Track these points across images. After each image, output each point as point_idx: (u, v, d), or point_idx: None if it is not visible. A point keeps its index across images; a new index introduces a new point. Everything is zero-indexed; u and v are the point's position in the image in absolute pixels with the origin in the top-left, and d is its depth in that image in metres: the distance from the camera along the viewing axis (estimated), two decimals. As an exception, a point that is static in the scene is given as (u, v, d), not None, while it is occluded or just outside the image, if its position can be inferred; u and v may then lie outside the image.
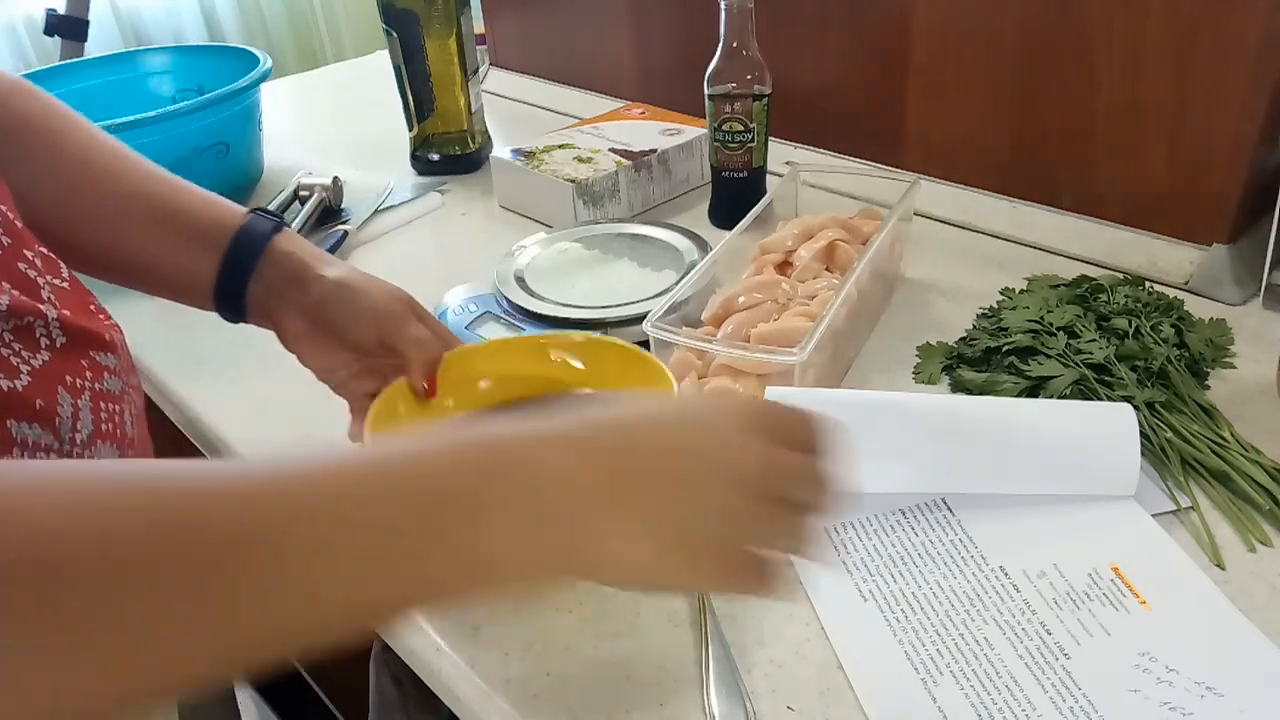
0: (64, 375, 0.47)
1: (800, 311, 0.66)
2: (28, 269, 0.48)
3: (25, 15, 2.05)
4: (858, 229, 0.76)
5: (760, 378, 0.61)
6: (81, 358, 0.49)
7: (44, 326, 0.47)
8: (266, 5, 2.45)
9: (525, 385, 0.61)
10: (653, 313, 0.62)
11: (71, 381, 0.48)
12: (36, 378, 0.45)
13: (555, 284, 0.79)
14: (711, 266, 0.70)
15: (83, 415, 0.48)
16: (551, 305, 0.75)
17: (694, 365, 0.64)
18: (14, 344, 0.45)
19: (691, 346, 0.62)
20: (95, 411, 0.49)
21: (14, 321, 0.45)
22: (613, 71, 1.25)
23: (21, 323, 0.46)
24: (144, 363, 0.79)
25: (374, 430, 0.54)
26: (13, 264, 0.47)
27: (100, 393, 0.49)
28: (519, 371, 0.62)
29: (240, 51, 1.12)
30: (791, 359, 0.58)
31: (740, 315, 0.66)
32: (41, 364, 0.46)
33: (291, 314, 0.59)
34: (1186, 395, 0.63)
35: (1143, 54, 0.76)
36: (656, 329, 0.61)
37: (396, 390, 0.57)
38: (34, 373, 0.45)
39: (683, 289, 0.66)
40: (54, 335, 0.48)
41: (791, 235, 0.75)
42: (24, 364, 0.45)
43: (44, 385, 0.46)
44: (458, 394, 0.60)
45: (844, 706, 0.46)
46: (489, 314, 0.76)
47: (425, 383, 0.58)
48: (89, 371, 0.49)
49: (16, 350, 0.45)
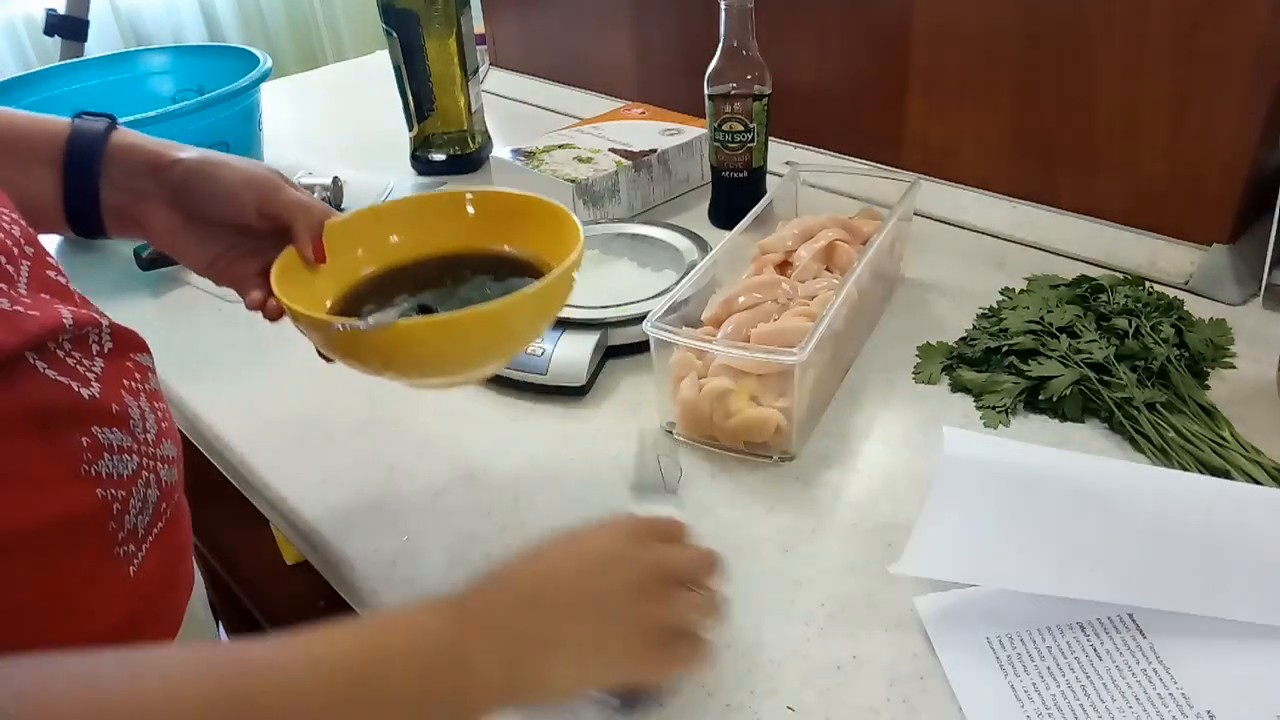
0: (121, 379, 0.48)
1: (800, 311, 0.66)
2: (57, 276, 0.48)
3: (25, 15, 2.05)
4: (858, 229, 0.76)
5: (760, 378, 0.61)
6: (126, 360, 0.49)
7: (96, 334, 0.47)
8: (266, 5, 2.45)
9: (434, 241, 0.60)
10: (653, 313, 0.62)
11: (129, 384, 0.48)
12: (103, 384, 0.46)
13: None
14: (711, 266, 0.70)
15: (147, 416, 0.48)
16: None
17: (694, 365, 0.64)
18: (74, 353, 0.45)
19: (691, 346, 0.62)
20: (154, 411, 0.49)
21: (74, 333, 0.45)
22: (613, 71, 1.25)
23: (80, 333, 0.46)
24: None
25: (287, 300, 0.50)
26: (42, 273, 0.47)
27: (151, 392, 0.50)
28: (428, 227, 0.60)
29: (240, 51, 1.12)
30: (791, 359, 0.58)
31: (740, 315, 0.66)
32: (101, 370, 0.46)
33: (155, 208, 0.55)
34: (1186, 395, 0.63)
35: (1143, 54, 0.76)
36: (656, 329, 0.61)
37: (288, 259, 0.54)
38: (99, 378, 0.46)
39: (683, 289, 0.66)
40: (104, 342, 0.48)
41: (791, 235, 0.75)
42: (88, 371, 0.45)
43: (111, 390, 0.46)
44: (368, 245, 0.59)
45: (844, 706, 0.46)
46: None
47: (313, 248, 0.55)
48: (136, 374, 0.49)
49: (78, 359, 0.45)
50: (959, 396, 0.67)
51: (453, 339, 0.50)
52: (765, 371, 0.61)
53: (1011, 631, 0.48)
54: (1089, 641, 0.47)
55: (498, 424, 0.68)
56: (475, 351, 0.52)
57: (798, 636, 0.50)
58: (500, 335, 0.52)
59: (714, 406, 0.62)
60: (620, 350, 0.74)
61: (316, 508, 0.61)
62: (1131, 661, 0.46)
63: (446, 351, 0.51)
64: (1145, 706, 0.44)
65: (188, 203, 0.55)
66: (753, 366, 0.61)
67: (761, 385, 0.61)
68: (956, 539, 0.49)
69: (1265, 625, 0.47)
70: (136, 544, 0.46)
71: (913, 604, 0.51)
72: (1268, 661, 0.45)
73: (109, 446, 0.45)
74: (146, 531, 0.47)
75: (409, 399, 0.71)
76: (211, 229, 0.56)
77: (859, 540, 0.56)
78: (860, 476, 0.61)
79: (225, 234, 0.56)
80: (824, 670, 0.48)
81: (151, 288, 0.90)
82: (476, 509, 0.60)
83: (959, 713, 0.45)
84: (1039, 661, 0.47)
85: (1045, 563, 0.48)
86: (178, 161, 0.54)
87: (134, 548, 0.46)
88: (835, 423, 0.66)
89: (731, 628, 0.50)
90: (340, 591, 0.59)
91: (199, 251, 0.56)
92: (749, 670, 0.48)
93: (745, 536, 0.56)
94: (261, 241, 0.56)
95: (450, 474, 0.63)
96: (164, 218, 0.55)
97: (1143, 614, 0.48)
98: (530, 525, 0.59)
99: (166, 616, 0.51)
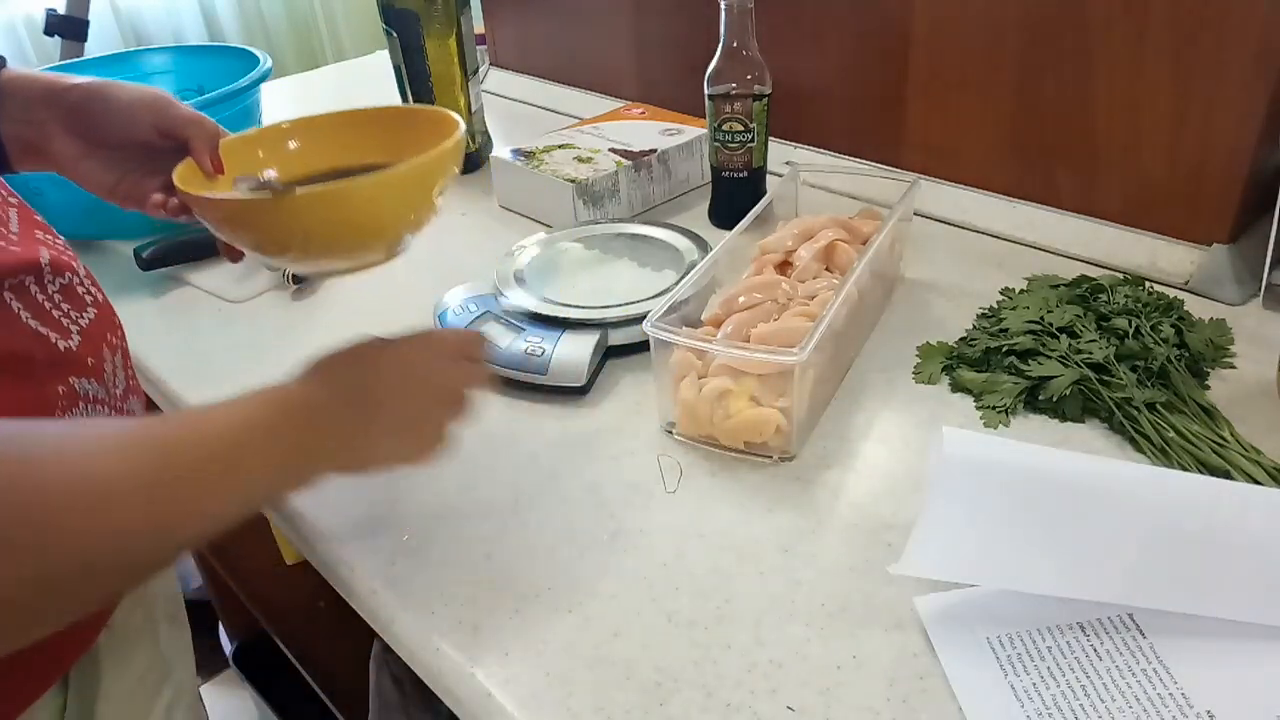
0: (105, 334, 0.51)
1: (800, 311, 0.66)
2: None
3: (25, 15, 2.05)
4: (857, 229, 0.76)
5: (760, 378, 0.61)
6: (115, 315, 0.53)
7: (80, 283, 0.51)
8: (266, 5, 2.44)
9: (327, 159, 0.62)
10: (653, 313, 0.62)
11: (109, 339, 0.52)
12: (85, 337, 0.49)
13: (555, 284, 0.79)
14: (711, 266, 0.70)
15: (118, 371, 0.52)
16: (551, 305, 0.75)
17: (694, 366, 0.64)
18: (63, 304, 0.49)
19: (691, 346, 0.63)
20: (126, 369, 0.54)
21: (59, 281, 0.49)
22: (613, 71, 1.25)
23: (65, 281, 0.49)
24: (144, 363, 0.79)
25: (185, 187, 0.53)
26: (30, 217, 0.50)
27: (126, 351, 0.54)
28: (322, 145, 0.63)
29: (240, 51, 1.12)
30: (791, 359, 0.58)
31: (740, 315, 0.66)
32: (88, 322, 0.50)
33: (56, 134, 0.57)
34: (1186, 395, 0.63)
35: (1143, 54, 0.76)
36: (656, 329, 0.61)
37: (188, 168, 0.57)
38: (82, 332, 0.50)
39: (683, 289, 0.66)
40: (94, 293, 0.52)
41: (791, 235, 0.75)
42: (73, 324, 0.49)
43: (91, 344, 0.50)
44: (267, 147, 0.62)
45: (844, 706, 0.46)
46: (489, 314, 0.76)
47: (210, 160, 0.58)
48: (120, 330, 0.53)
49: (66, 311, 0.49)
50: (959, 396, 0.67)
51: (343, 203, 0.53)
52: (765, 371, 0.61)
53: (1011, 631, 0.48)
54: (1089, 641, 0.47)
55: (498, 424, 0.68)
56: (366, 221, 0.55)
57: (798, 636, 0.50)
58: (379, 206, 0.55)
59: (714, 406, 0.62)
60: (620, 350, 0.74)
61: (316, 508, 0.61)
62: (1131, 661, 0.46)
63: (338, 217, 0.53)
64: (1145, 706, 0.44)
65: (87, 126, 0.57)
66: (752, 366, 0.61)
67: (761, 385, 0.61)
68: (956, 539, 0.49)
69: (1265, 625, 0.46)
70: None
71: (913, 604, 0.51)
72: (1268, 661, 0.45)
73: (84, 395, 0.48)
74: None
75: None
76: (111, 153, 0.58)
77: (859, 540, 0.56)
78: (860, 476, 0.61)
79: (124, 157, 0.58)
80: (824, 670, 0.48)
81: (151, 288, 0.90)
82: (476, 509, 0.60)
83: (959, 713, 0.45)
84: (1039, 661, 0.47)
85: (1045, 563, 0.48)
86: (73, 87, 0.57)
87: None
88: (835, 422, 0.66)
89: (732, 628, 0.50)
90: (340, 591, 0.59)
91: (101, 176, 0.59)
92: (749, 670, 0.48)
93: (745, 536, 0.56)
94: (160, 161, 0.58)
95: (450, 474, 0.63)
96: (65, 144, 0.57)
97: (1143, 614, 0.48)
98: (530, 525, 0.59)
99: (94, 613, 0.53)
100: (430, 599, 0.54)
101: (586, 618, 0.52)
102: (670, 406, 0.65)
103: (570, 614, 0.52)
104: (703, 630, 0.51)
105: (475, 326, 0.75)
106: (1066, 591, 0.48)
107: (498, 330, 0.74)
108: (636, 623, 0.51)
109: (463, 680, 0.49)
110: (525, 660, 0.50)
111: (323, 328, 0.83)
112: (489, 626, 0.52)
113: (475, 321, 0.76)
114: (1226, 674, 0.45)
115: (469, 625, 0.52)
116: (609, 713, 0.46)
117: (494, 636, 0.51)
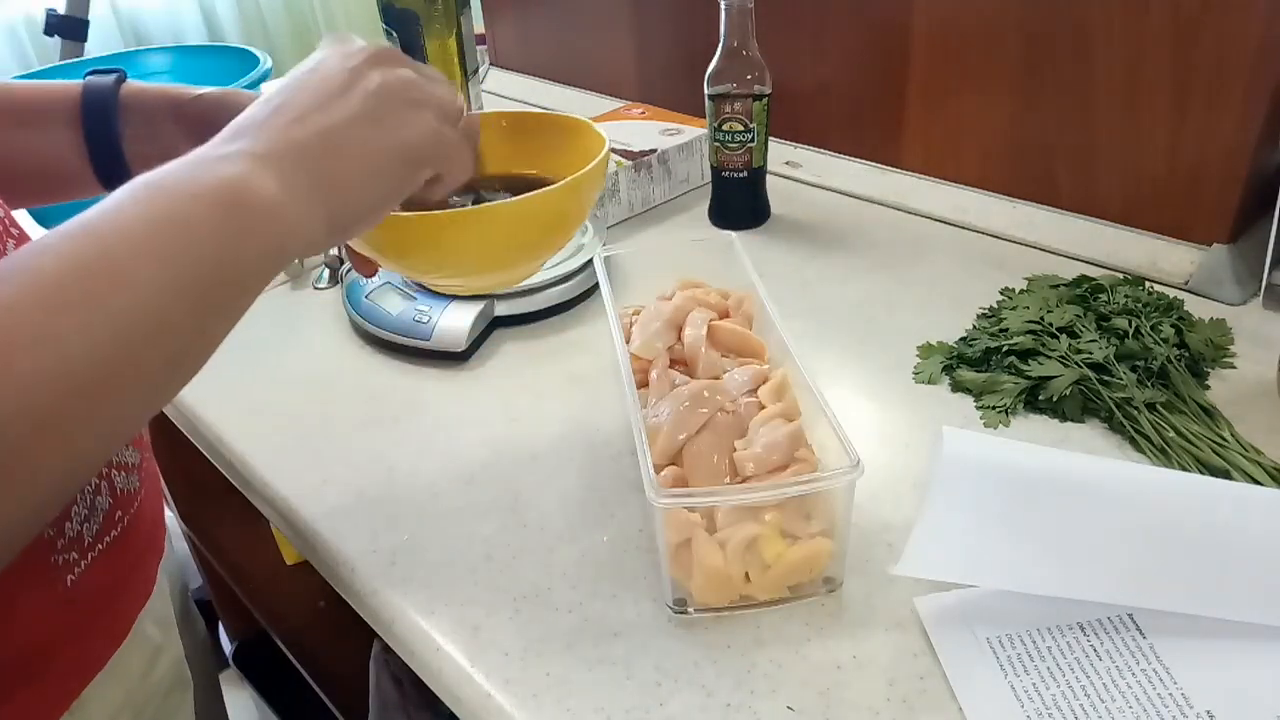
0: None
1: (771, 414, 0.54)
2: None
3: (25, 15, 2.05)
4: (706, 298, 0.64)
5: (779, 506, 0.49)
6: None
7: None
8: (266, 5, 2.45)
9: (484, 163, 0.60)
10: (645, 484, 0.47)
11: None
12: None
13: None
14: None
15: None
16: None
17: (694, 522, 0.50)
18: None
19: (698, 506, 0.50)
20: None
21: None
22: (613, 71, 1.25)
23: None
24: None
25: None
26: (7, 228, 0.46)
27: None
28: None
29: (240, 51, 1.12)
30: (851, 475, 0.47)
31: (696, 449, 0.52)
32: None
33: (183, 149, 0.53)
34: (1186, 395, 0.63)
35: (1143, 54, 0.76)
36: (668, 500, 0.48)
37: None
38: None
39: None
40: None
41: (656, 333, 0.61)
42: None
43: None
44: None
45: (844, 706, 0.46)
46: (389, 284, 0.79)
47: None
48: None
49: None
50: (959, 396, 0.67)
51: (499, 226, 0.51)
52: (786, 499, 0.50)
53: (1011, 631, 0.48)
54: (1089, 642, 0.47)
55: (497, 424, 0.68)
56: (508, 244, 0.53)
57: (798, 636, 0.50)
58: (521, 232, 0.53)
59: (746, 561, 0.49)
60: (508, 320, 0.78)
61: (316, 508, 0.61)
62: (1131, 662, 0.46)
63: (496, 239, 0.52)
64: (1145, 707, 0.44)
65: (214, 132, 0.55)
66: (774, 498, 0.49)
67: (787, 514, 0.50)
68: (956, 539, 0.49)
69: (1265, 626, 0.46)
70: (81, 552, 0.45)
71: (913, 604, 0.51)
72: (1268, 662, 0.45)
73: None
74: (95, 540, 0.46)
75: (409, 399, 0.71)
76: None
77: (859, 540, 0.56)
78: (860, 476, 0.61)
79: None
80: (824, 670, 0.48)
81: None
82: (476, 509, 0.60)
83: (959, 713, 0.45)
84: (1039, 661, 0.47)
85: (1045, 563, 0.48)
86: (199, 97, 0.54)
87: (77, 555, 0.45)
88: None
89: (732, 627, 0.50)
90: (340, 591, 0.59)
91: None
92: (749, 670, 0.48)
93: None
94: None
95: (450, 473, 0.63)
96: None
97: (1143, 614, 0.48)
98: (530, 525, 0.59)
99: (108, 630, 0.49)
100: (430, 599, 0.54)
101: (586, 618, 0.52)
102: (682, 581, 0.51)
103: (570, 614, 0.52)
104: (702, 630, 0.51)
105: (374, 295, 0.79)
106: (1067, 592, 0.48)
107: (393, 298, 0.78)
108: (636, 623, 0.51)
109: (463, 680, 0.49)
110: (525, 660, 0.50)
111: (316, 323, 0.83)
112: (489, 626, 0.52)
113: (376, 290, 0.79)
114: (1226, 674, 0.45)
115: (469, 625, 0.52)
116: (609, 713, 0.46)
117: (494, 636, 0.51)
